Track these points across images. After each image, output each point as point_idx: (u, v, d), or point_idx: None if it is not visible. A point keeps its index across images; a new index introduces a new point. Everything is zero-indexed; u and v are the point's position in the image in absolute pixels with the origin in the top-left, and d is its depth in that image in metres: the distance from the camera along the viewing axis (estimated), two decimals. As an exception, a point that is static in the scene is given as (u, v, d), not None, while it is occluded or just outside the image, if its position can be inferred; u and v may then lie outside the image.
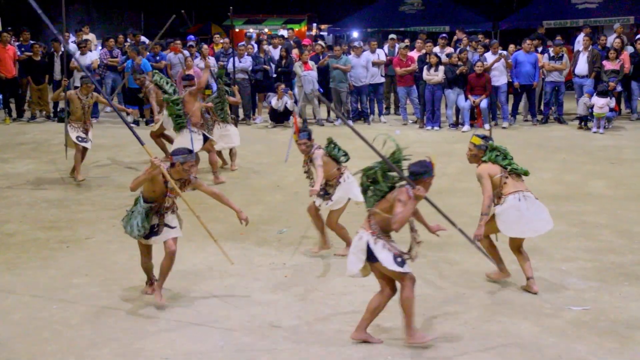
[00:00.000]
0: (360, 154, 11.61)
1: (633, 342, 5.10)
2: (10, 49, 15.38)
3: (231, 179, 10.17)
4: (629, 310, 5.65)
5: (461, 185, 9.59)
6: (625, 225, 7.90)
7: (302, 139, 6.85)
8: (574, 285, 6.16)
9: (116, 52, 16.06)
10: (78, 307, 5.74)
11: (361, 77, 15.03)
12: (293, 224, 7.89)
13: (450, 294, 6.01)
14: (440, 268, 6.59)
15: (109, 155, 11.96)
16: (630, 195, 8.97)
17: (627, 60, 14.73)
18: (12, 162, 11.31)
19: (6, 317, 5.58)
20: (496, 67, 14.47)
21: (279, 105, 14.69)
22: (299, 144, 6.94)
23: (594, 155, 11.45)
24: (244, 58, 15.06)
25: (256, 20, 29.05)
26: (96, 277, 6.39)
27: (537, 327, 5.35)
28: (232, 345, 5.07)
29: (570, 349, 4.99)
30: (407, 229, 5.10)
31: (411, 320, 5.01)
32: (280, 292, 6.07)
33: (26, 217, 8.36)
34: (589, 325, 5.38)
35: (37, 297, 5.94)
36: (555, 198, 9.09)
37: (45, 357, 4.91)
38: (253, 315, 5.61)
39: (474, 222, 7.94)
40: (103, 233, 7.70)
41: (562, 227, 7.86)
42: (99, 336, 5.22)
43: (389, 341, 5.13)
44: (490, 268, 6.27)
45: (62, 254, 7.07)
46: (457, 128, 14.55)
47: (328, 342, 5.12)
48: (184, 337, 5.18)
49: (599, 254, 6.97)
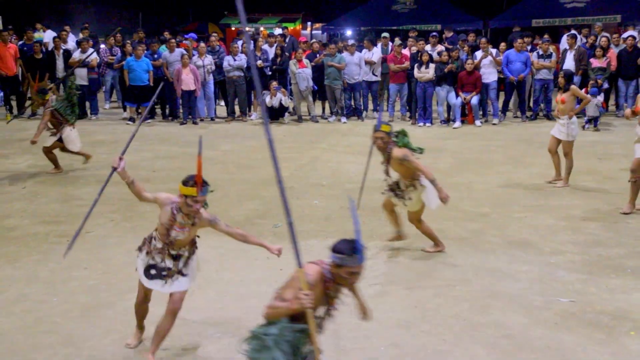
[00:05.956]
0: (357, 150, 11.70)
1: (618, 333, 5.10)
2: (11, 47, 15.33)
3: (227, 174, 10.14)
4: (615, 301, 5.66)
5: (452, 180, 9.58)
6: (612, 219, 7.91)
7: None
8: (562, 278, 6.16)
9: (115, 50, 16.00)
10: (77, 300, 5.71)
11: (354, 75, 15.05)
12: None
13: (441, 287, 6.00)
14: (431, 261, 6.58)
15: (107, 151, 11.90)
16: (616, 189, 8.98)
17: (614, 58, 14.79)
18: (12, 157, 11.27)
19: (7, 309, 5.55)
20: (485, 65, 14.48)
21: (273, 103, 14.69)
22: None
23: (582, 151, 11.44)
24: (239, 56, 15.02)
25: (252, 19, 28.99)
26: (95, 271, 6.36)
27: (526, 318, 5.35)
28: (228, 337, 5.05)
29: (558, 339, 5.00)
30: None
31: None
32: (276, 285, 6.04)
33: (26, 211, 8.33)
34: (576, 316, 5.39)
35: (37, 290, 5.92)
36: (544, 192, 9.12)
37: (45, 348, 4.89)
38: (249, 307, 5.59)
39: (465, 216, 8.01)
40: (102, 227, 7.67)
41: (551, 220, 7.87)
42: (98, 328, 5.20)
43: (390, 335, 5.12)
44: (427, 242, 6.84)
45: (62, 247, 7.00)
46: (448, 124, 14.57)
47: (323, 335, 5.09)
48: (181, 329, 5.15)
49: (586, 247, 6.97)
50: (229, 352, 4.68)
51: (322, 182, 9.60)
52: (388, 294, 5.84)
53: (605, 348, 4.88)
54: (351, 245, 3.61)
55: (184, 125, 14.70)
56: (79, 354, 4.80)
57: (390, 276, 6.23)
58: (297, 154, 11.44)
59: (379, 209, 7.39)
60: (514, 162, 11.01)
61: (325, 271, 3.67)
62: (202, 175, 4.36)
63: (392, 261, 6.63)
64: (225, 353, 4.81)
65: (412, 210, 6.72)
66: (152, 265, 4.59)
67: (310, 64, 14.95)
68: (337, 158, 11.35)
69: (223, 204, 8.15)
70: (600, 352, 4.82)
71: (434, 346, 4.93)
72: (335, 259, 3.62)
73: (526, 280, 6.11)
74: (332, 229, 7.52)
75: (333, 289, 3.72)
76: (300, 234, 6.96)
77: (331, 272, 3.66)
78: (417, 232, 6.94)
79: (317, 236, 7.20)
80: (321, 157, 11.39)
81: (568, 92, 9.18)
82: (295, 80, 14.81)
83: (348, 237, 3.70)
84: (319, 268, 3.68)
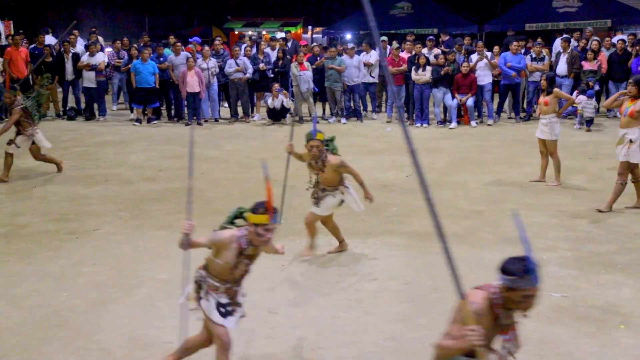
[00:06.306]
0: (357, 150, 11.71)
1: (608, 327, 5.11)
2: (22, 51, 15.35)
3: (230, 174, 10.16)
4: (605, 296, 5.67)
5: (448, 179, 9.60)
6: (602, 216, 7.92)
7: None
8: (555, 273, 6.17)
9: (122, 53, 16.02)
10: (86, 295, 5.72)
11: (354, 77, 15.08)
12: (289, 216, 7.88)
13: (438, 282, 6.01)
14: (428, 257, 6.59)
15: (115, 151, 11.93)
16: (607, 188, 8.97)
17: (604, 61, 14.81)
18: (23, 157, 11.25)
19: (18, 303, 5.56)
20: (480, 67, 14.49)
21: (275, 104, 14.72)
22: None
23: (574, 151, 11.47)
24: (240, 59, 15.03)
25: (254, 23, 29.01)
26: (103, 267, 6.37)
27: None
28: (231, 330, 5.06)
29: (551, 332, 5.01)
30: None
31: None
32: (277, 280, 6.07)
33: (37, 210, 8.34)
34: (568, 310, 5.40)
35: (47, 285, 5.93)
36: (536, 191, 9.13)
37: (54, 341, 4.90)
38: (252, 302, 5.60)
39: (461, 214, 8.02)
40: (110, 225, 7.69)
41: (543, 218, 7.88)
42: (106, 322, 5.21)
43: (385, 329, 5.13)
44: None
45: (72, 244, 7.06)
46: (445, 125, 14.58)
47: (322, 327, 5.12)
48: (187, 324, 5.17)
49: (577, 244, 6.98)
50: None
51: (322, 181, 9.61)
52: (386, 289, 5.85)
53: (596, 341, 4.89)
54: (523, 265, 3.11)
55: (189, 126, 14.71)
56: (88, 347, 4.81)
57: (388, 272, 6.25)
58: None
59: (378, 208, 7.42)
60: (508, 161, 11.01)
61: (494, 296, 3.15)
62: (271, 200, 3.91)
63: (391, 257, 6.64)
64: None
65: (322, 214, 6.54)
66: (223, 304, 4.09)
67: (311, 67, 14.96)
68: (337, 158, 11.34)
69: (226, 202, 8.16)
70: (591, 344, 4.84)
71: (431, 339, 4.93)
72: (505, 282, 3.12)
73: (519, 276, 6.11)
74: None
75: (504, 315, 3.19)
76: (301, 231, 7.02)
77: (501, 297, 3.14)
78: (412, 230, 6.95)
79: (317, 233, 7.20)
80: (322, 157, 11.37)
81: (551, 94, 9.22)
82: (296, 82, 14.82)
83: (518, 255, 3.22)
84: (486, 293, 3.19)
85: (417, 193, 8.86)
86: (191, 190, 4.20)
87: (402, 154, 11.68)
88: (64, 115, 15.69)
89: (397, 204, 8.41)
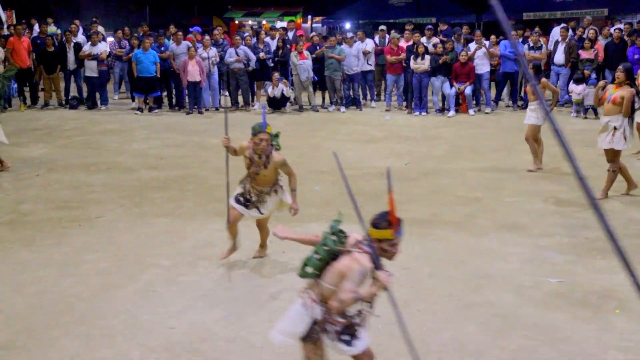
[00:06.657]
0: (356, 138, 11.70)
1: (604, 311, 5.12)
2: (24, 41, 15.28)
3: (231, 161, 10.09)
4: (601, 281, 5.68)
5: (447, 167, 9.59)
6: (598, 203, 7.90)
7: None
8: (552, 259, 6.18)
9: (124, 43, 15.96)
10: (89, 282, 5.73)
11: (353, 66, 15.03)
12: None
13: (436, 268, 6.02)
14: (427, 244, 6.59)
15: (117, 139, 11.91)
16: (602, 175, 8.96)
17: (601, 49, 14.74)
18: (26, 146, 11.26)
19: (22, 290, 5.57)
20: (479, 56, 14.45)
21: (275, 93, 14.69)
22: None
23: (570, 139, 11.25)
24: (241, 48, 14.97)
25: (254, 12, 28.87)
26: (106, 254, 6.37)
27: (517, 298, 5.37)
28: (234, 316, 5.07)
29: (548, 317, 5.01)
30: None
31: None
32: (279, 267, 6.07)
33: (40, 197, 8.33)
34: (565, 296, 5.41)
35: (51, 272, 5.93)
36: (533, 178, 9.12)
37: (58, 327, 4.90)
38: (254, 287, 5.62)
39: (459, 201, 8.02)
40: (112, 212, 7.68)
41: (540, 204, 7.88)
42: (108, 308, 5.21)
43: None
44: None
45: (75, 232, 7.05)
46: (443, 113, 14.55)
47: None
48: (189, 309, 5.18)
49: (574, 230, 6.98)
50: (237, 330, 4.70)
51: (322, 168, 9.59)
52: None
53: (592, 325, 4.90)
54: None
55: (189, 114, 14.67)
56: (92, 333, 4.82)
57: (387, 258, 6.24)
58: (298, 142, 11.43)
59: (377, 195, 7.41)
60: (506, 149, 11.00)
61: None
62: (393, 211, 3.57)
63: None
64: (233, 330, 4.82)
65: (268, 214, 6.11)
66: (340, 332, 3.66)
67: (310, 56, 14.91)
68: (336, 145, 11.32)
69: (223, 189, 8.13)
70: (587, 329, 4.85)
71: (430, 324, 4.95)
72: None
73: (517, 262, 6.12)
74: (332, 213, 7.49)
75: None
76: (302, 218, 7.02)
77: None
78: (411, 217, 6.94)
79: (318, 220, 7.20)
80: (321, 145, 11.37)
81: (539, 84, 9.25)
82: (296, 72, 14.77)
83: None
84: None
85: (415, 180, 8.90)
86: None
87: (400, 142, 11.67)
88: (66, 104, 15.65)
89: (395, 192, 8.38)
